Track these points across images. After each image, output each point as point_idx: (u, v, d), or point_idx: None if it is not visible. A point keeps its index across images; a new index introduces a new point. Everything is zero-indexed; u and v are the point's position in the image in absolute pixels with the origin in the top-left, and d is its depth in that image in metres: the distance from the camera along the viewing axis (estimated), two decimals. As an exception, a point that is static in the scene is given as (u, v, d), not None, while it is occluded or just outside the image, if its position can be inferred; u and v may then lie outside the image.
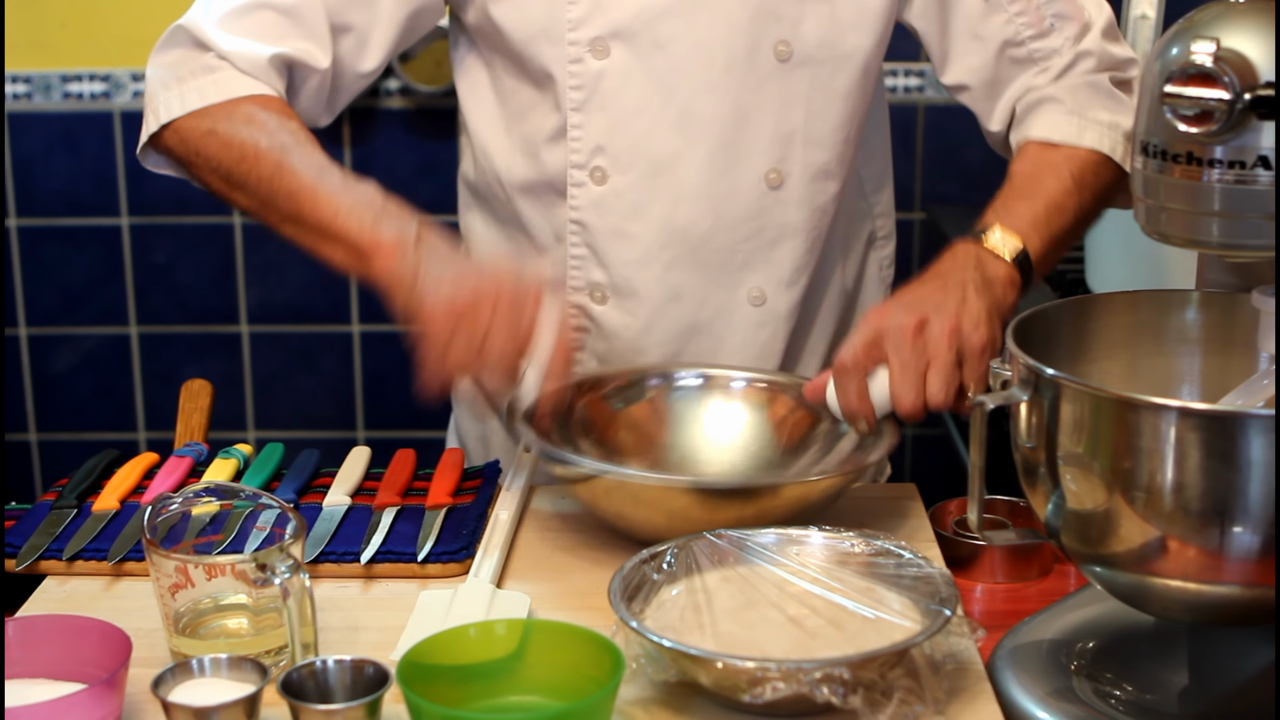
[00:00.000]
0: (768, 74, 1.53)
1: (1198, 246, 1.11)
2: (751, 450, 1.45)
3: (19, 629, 1.10)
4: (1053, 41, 1.57)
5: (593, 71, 1.51)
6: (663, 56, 1.51)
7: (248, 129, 1.44)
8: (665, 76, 1.52)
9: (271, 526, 1.20)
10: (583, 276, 1.59)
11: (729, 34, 1.51)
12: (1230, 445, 0.99)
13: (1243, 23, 1.05)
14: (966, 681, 1.12)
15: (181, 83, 1.48)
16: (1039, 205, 1.46)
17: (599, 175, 1.55)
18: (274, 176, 1.41)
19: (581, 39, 1.51)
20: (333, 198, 1.39)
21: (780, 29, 1.52)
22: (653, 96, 1.52)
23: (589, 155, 1.54)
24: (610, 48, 1.51)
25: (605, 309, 1.59)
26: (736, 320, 1.60)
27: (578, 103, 1.52)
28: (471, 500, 1.40)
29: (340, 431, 3.09)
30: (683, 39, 1.51)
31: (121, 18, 2.88)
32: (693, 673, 1.07)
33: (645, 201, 1.55)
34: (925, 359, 1.32)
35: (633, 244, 1.56)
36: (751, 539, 1.21)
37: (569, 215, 1.57)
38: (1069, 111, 1.53)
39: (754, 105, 1.54)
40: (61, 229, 2.99)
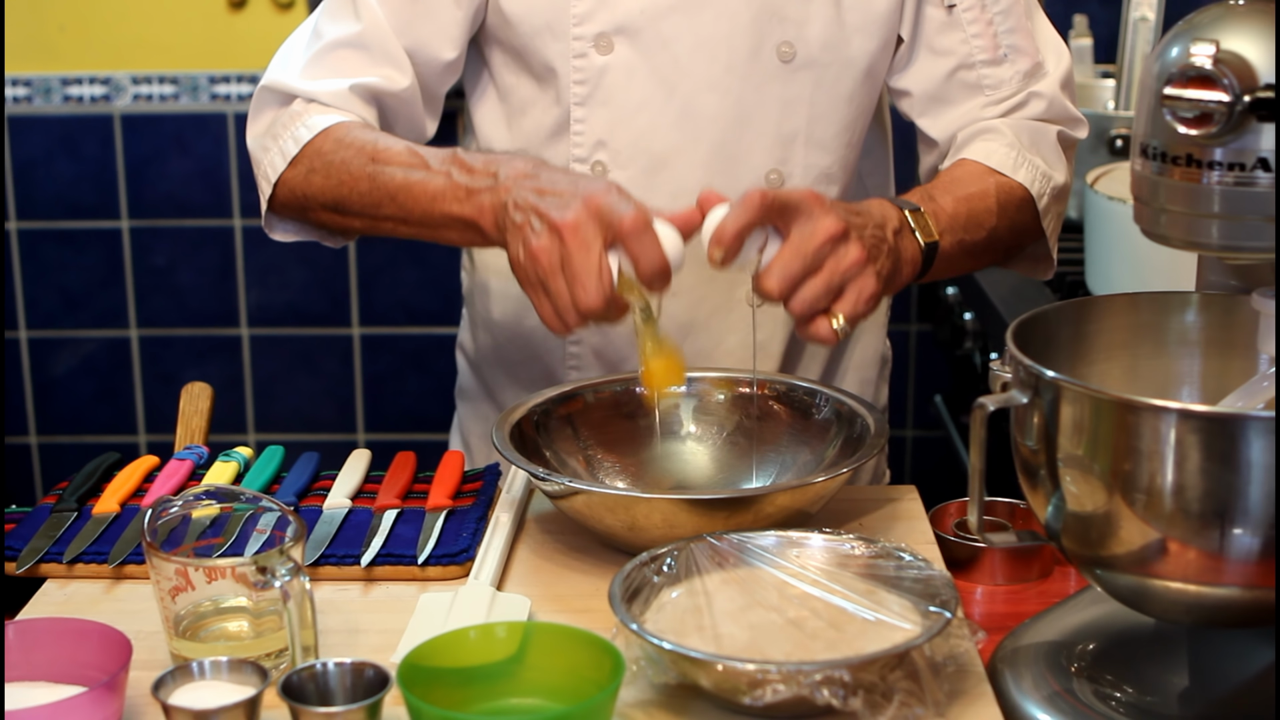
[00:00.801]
0: (770, 74, 1.53)
1: (1197, 249, 1.11)
2: (741, 454, 1.45)
3: (19, 632, 1.10)
4: (1003, 71, 1.59)
5: (596, 66, 1.52)
6: (666, 53, 1.51)
7: (338, 155, 1.46)
8: (667, 73, 1.52)
9: (272, 529, 1.20)
10: None
11: (732, 33, 1.51)
12: (1230, 447, 0.99)
13: (1242, 25, 1.05)
14: (967, 684, 1.12)
15: (277, 139, 1.50)
16: (963, 210, 1.47)
17: (600, 170, 1.55)
18: (371, 190, 1.43)
19: (586, 34, 1.51)
20: (426, 186, 1.39)
21: (784, 30, 1.52)
22: (655, 93, 1.52)
23: (591, 150, 1.55)
24: (614, 43, 1.51)
25: None
26: (734, 320, 1.60)
27: (581, 97, 1.53)
28: (472, 503, 1.40)
29: (340, 434, 3.09)
30: (686, 36, 1.51)
31: (121, 21, 2.88)
32: (693, 675, 1.07)
33: (645, 197, 1.54)
34: (820, 261, 1.29)
35: None
36: (751, 541, 1.21)
37: None
38: (1010, 145, 1.55)
39: (756, 105, 1.54)
40: (62, 232, 2.99)
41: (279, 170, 1.49)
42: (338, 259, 3.00)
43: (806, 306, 1.30)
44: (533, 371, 1.66)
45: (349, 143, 1.46)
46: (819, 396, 1.45)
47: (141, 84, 2.91)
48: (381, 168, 1.43)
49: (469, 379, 1.77)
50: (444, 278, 3.00)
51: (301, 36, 1.57)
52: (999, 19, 1.60)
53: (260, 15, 2.90)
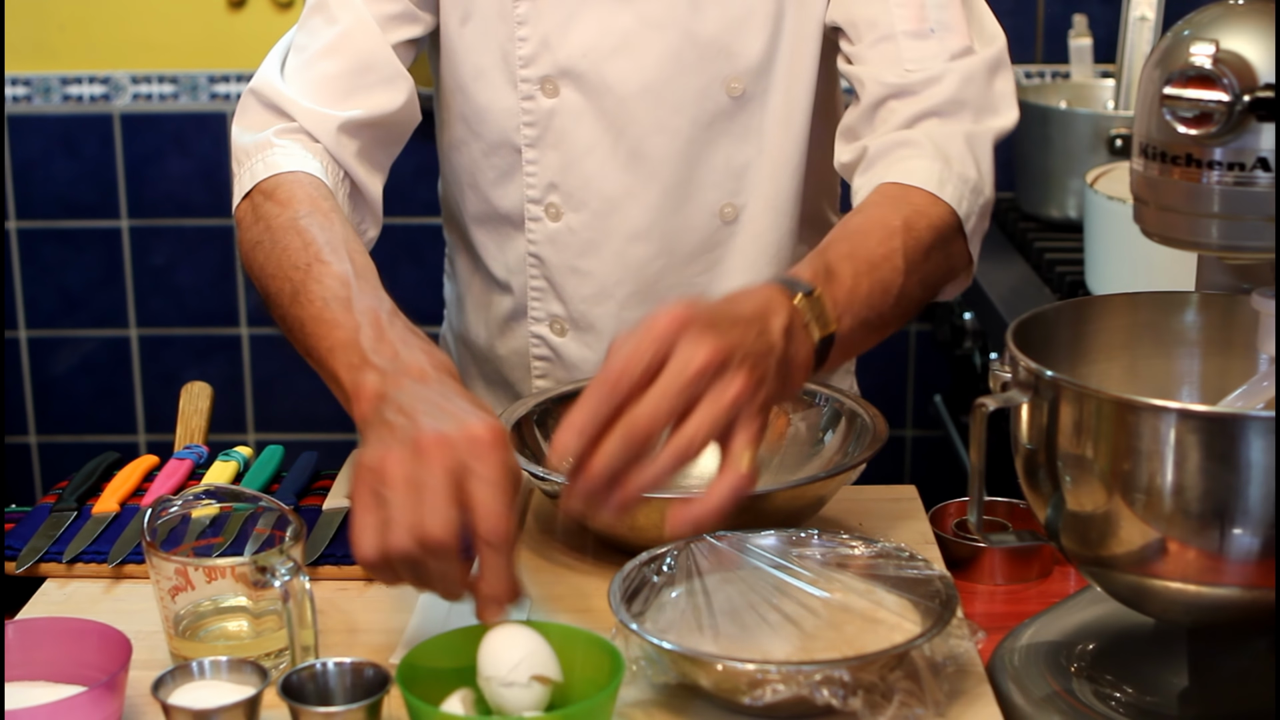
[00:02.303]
0: (720, 111, 1.51)
1: (1197, 248, 1.11)
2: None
3: (19, 631, 1.10)
4: (929, 47, 1.43)
5: (544, 109, 1.51)
6: (611, 96, 1.50)
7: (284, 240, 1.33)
8: (614, 116, 1.51)
9: (271, 529, 1.20)
10: (543, 308, 1.60)
11: (678, 73, 1.49)
12: (1230, 447, 0.99)
13: (1242, 24, 1.05)
14: (967, 683, 1.12)
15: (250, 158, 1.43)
16: (864, 281, 1.25)
17: (553, 211, 1.55)
18: (291, 304, 1.30)
19: (532, 76, 1.51)
20: (332, 332, 1.23)
21: (731, 65, 1.50)
22: (602, 136, 1.51)
23: (543, 191, 1.55)
24: (559, 87, 1.51)
25: (565, 340, 1.61)
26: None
27: (531, 139, 1.53)
28: (471, 502, 1.40)
29: (340, 434, 3.09)
30: (631, 79, 1.49)
31: (121, 20, 2.88)
32: (693, 675, 1.07)
33: (598, 239, 1.55)
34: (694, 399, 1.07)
35: (587, 280, 1.56)
36: (751, 541, 1.21)
37: (527, 249, 1.58)
38: (931, 157, 1.37)
39: (706, 142, 1.52)
40: (61, 231, 2.99)
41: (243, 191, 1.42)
42: (337, 258, 3.00)
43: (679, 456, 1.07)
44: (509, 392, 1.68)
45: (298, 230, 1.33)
46: (819, 396, 1.45)
47: (141, 83, 2.91)
48: (311, 284, 1.28)
49: None
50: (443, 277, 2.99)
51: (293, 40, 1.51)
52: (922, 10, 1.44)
53: (260, 15, 2.90)
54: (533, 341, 1.63)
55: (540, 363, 1.64)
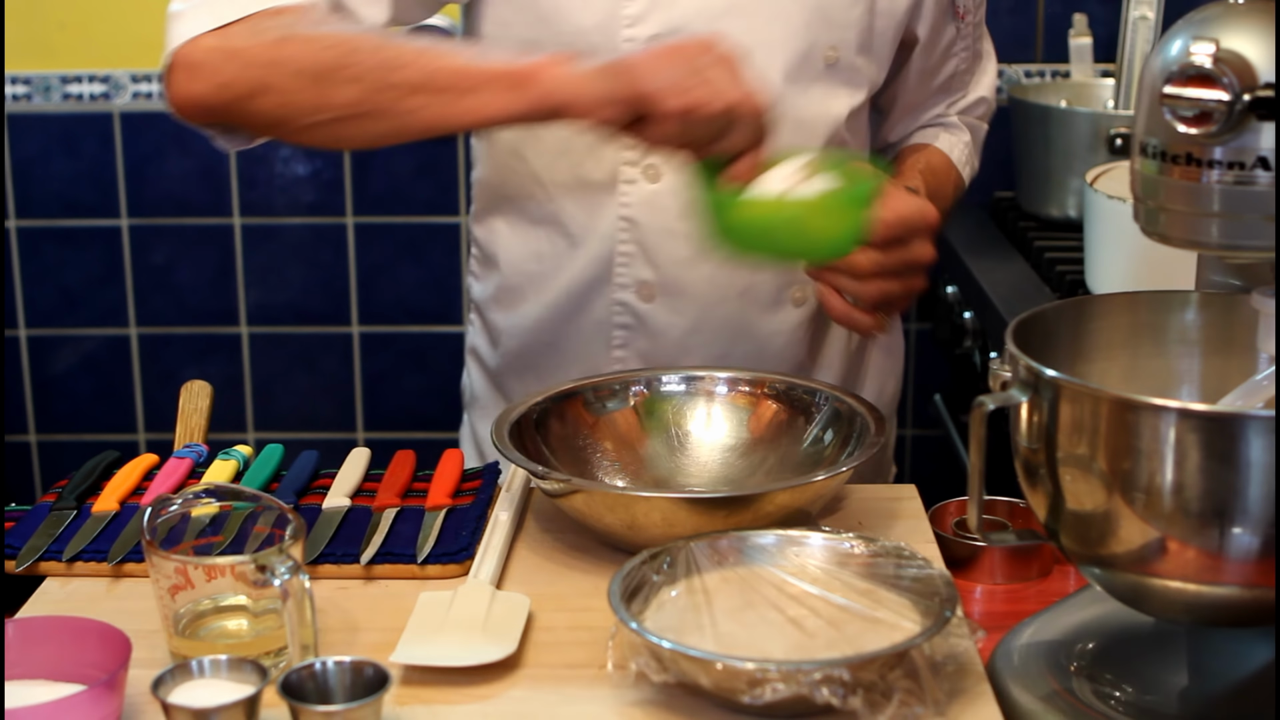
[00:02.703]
0: (815, 78, 1.55)
1: (1197, 248, 1.11)
2: (741, 452, 1.45)
3: (19, 630, 1.10)
4: (969, 75, 1.73)
5: None
6: None
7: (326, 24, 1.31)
8: None
9: (271, 528, 1.20)
10: (630, 274, 1.58)
11: (786, 37, 1.52)
12: (1230, 446, 0.99)
13: (1242, 23, 1.05)
14: (966, 682, 1.12)
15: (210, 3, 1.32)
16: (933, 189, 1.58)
17: (652, 173, 1.54)
18: (380, 54, 1.26)
19: (639, 36, 1.50)
20: (463, 50, 1.29)
21: (830, 34, 1.54)
22: None
23: (643, 153, 1.53)
24: None
25: (652, 307, 1.59)
26: (780, 321, 1.60)
27: None
28: (471, 501, 1.40)
29: (340, 433, 3.09)
30: (742, 39, 1.50)
31: (121, 19, 2.88)
32: (692, 674, 1.07)
33: None
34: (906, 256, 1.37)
35: (684, 242, 1.56)
36: (751, 540, 1.21)
37: (618, 212, 1.56)
38: (967, 144, 1.74)
39: (803, 108, 1.55)
40: (61, 230, 2.99)
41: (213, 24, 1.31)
42: (337, 257, 3.00)
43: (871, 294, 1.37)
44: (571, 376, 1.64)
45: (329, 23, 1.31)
46: (818, 395, 1.45)
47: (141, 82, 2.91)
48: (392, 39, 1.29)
49: (484, 387, 1.75)
50: (444, 276, 2.99)
51: None
52: (975, 27, 1.69)
53: (260, 13, 2.90)
54: (615, 309, 1.61)
55: (621, 331, 1.61)
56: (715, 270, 1.57)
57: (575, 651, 1.18)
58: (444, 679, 1.14)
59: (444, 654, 1.14)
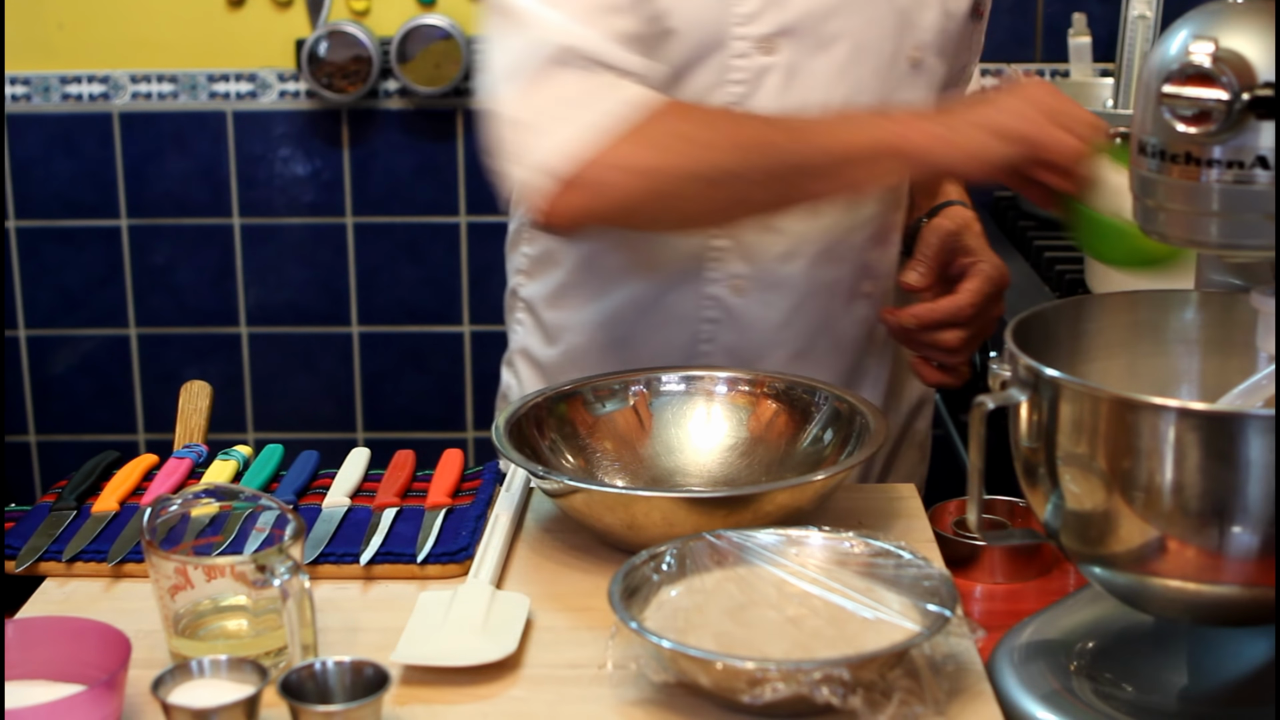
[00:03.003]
0: (901, 78, 1.56)
1: (1196, 246, 1.11)
2: (741, 452, 1.45)
3: (18, 630, 1.10)
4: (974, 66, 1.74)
5: (758, 66, 1.51)
6: (825, 55, 1.52)
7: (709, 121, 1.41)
8: (823, 77, 1.52)
9: (271, 528, 1.20)
10: (722, 269, 1.58)
11: (880, 37, 1.53)
12: (1229, 445, 0.99)
13: (1241, 22, 1.05)
14: (966, 682, 1.12)
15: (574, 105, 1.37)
16: None
17: None
18: (772, 144, 1.37)
19: (751, 34, 1.49)
20: (830, 127, 1.40)
21: (914, 36, 1.56)
22: (812, 93, 1.52)
23: None
24: (779, 45, 1.50)
25: (743, 301, 1.58)
26: (856, 313, 1.63)
27: (738, 96, 1.51)
28: (471, 501, 1.40)
29: (339, 433, 3.09)
30: (844, 39, 1.52)
31: (120, 19, 2.88)
32: (692, 673, 1.07)
33: None
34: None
35: (781, 238, 1.56)
36: (751, 540, 1.21)
37: None
38: None
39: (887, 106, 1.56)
40: (60, 230, 2.99)
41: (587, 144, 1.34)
42: (337, 257, 3.00)
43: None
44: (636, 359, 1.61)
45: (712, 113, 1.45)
46: (818, 394, 1.45)
47: (140, 82, 2.91)
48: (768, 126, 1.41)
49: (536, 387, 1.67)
50: (443, 276, 3.00)
51: None
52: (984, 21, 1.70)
53: (259, 14, 2.90)
54: (704, 304, 1.60)
55: (709, 325, 1.60)
56: (809, 266, 1.58)
57: (575, 651, 1.18)
58: (444, 679, 1.14)
59: (444, 654, 1.14)
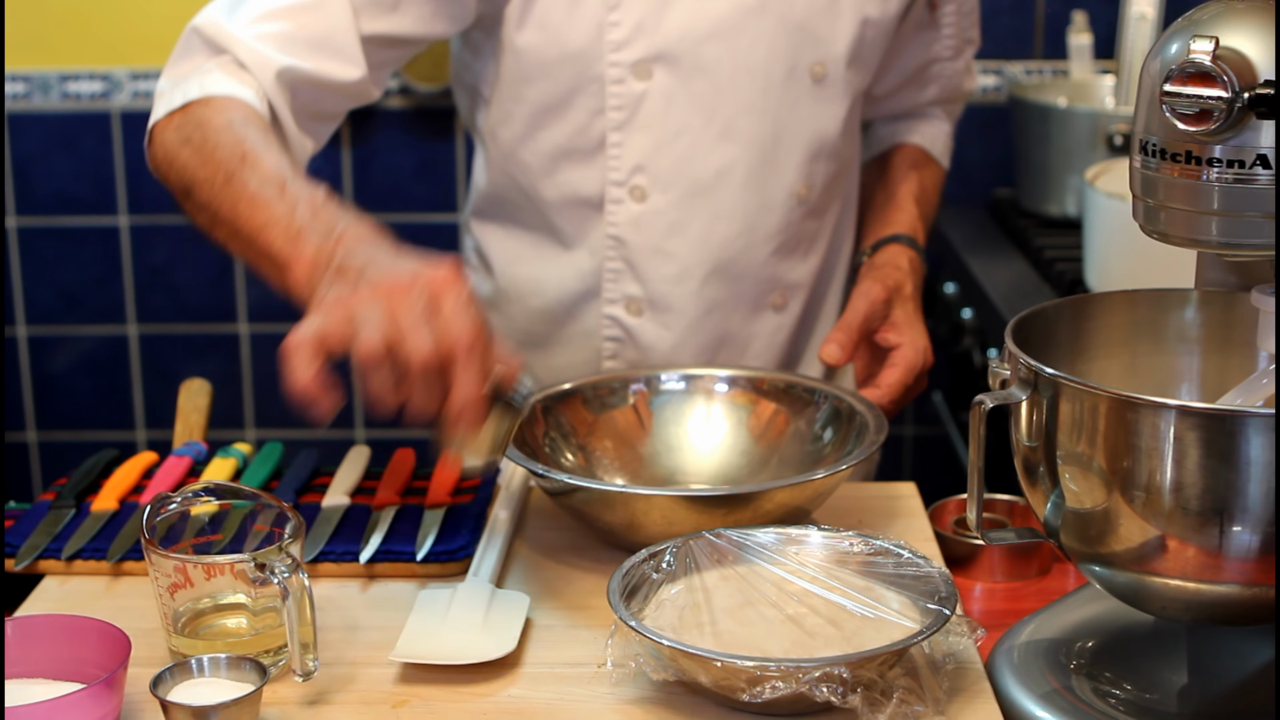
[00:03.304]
0: (802, 93, 1.55)
1: (1197, 245, 1.11)
2: (740, 450, 1.45)
3: (18, 628, 1.10)
4: (956, 64, 1.73)
5: (634, 93, 1.51)
6: (705, 79, 1.52)
7: (215, 138, 1.33)
8: (707, 98, 1.52)
9: (270, 526, 1.20)
10: (618, 289, 1.60)
11: (769, 57, 1.52)
12: (1229, 444, 0.99)
13: (1242, 22, 1.05)
14: (966, 681, 1.13)
15: (175, 87, 1.40)
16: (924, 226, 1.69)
17: (638, 193, 1.55)
18: (223, 187, 1.29)
19: (623, 60, 1.51)
20: (267, 207, 1.25)
21: (816, 50, 1.54)
22: (694, 118, 1.53)
23: (628, 174, 1.55)
24: (653, 70, 1.51)
25: (640, 321, 1.60)
26: (759, 326, 1.62)
27: (618, 123, 1.52)
28: (470, 499, 1.40)
29: (339, 431, 3.09)
30: (725, 62, 1.51)
31: (120, 17, 2.88)
32: (692, 672, 1.07)
33: (684, 220, 1.56)
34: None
35: (670, 261, 1.57)
36: (750, 538, 1.21)
37: (606, 230, 1.58)
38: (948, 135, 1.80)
39: (789, 124, 1.55)
40: (60, 229, 2.99)
41: (156, 116, 1.39)
42: (336, 256, 3.00)
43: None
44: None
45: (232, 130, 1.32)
46: (818, 394, 1.45)
47: (140, 80, 2.91)
48: (245, 171, 1.28)
49: None
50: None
51: None
52: (964, 17, 1.67)
53: (259, 12, 2.90)
54: (605, 323, 1.63)
55: (611, 344, 1.63)
56: (700, 286, 1.58)
57: (574, 649, 1.18)
58: (443, 677, 1.14)
59: (443, 652, 1.14)
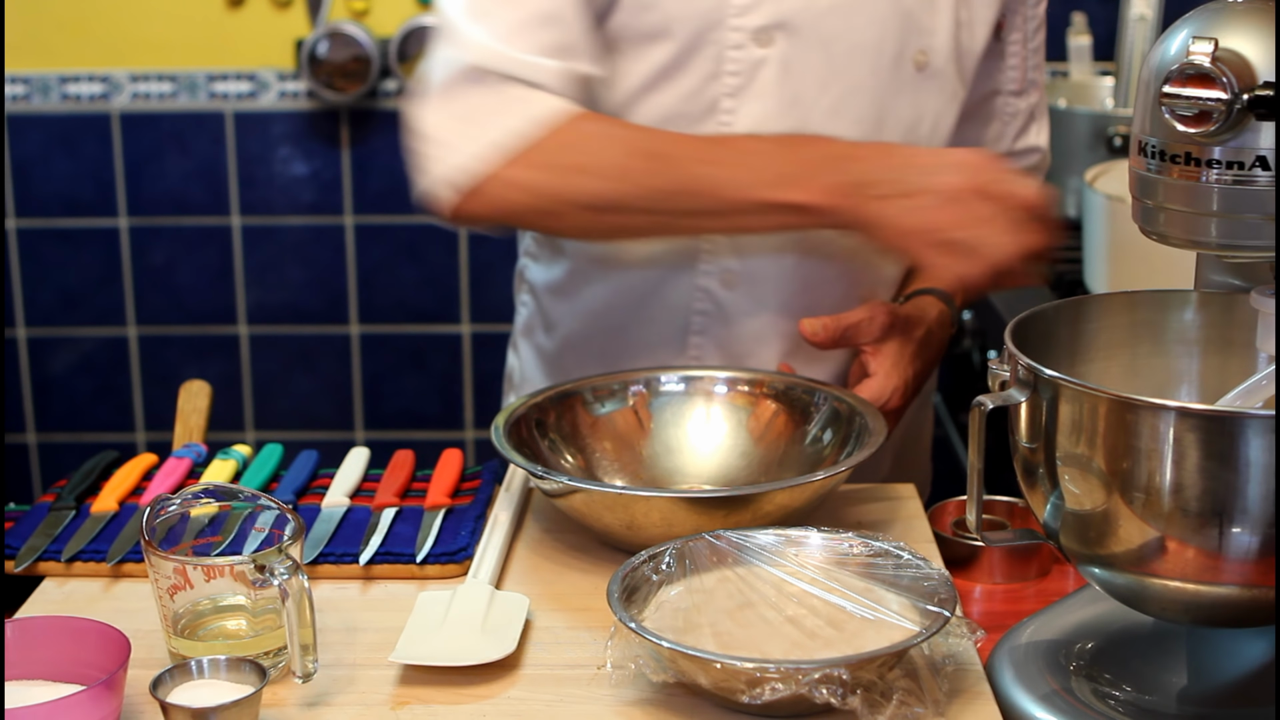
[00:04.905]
0: (905, 81, 1.55)
1: (1196, 247, 1.11)
2: (740, 452, 1.45)
3: (18, 630, 1.10)
4: (1021, 103, 1.69)
5: (753, 59, 1.51)
6: (822, 51, 1.51)
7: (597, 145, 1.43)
8: (821, 71, 1.52)
9: (270, 528, 1.19)
10: (714, 261, 1.58)
11: (881, 37, 1.53)
12: (1229, 446, 0.99)
13: (1241, 23, 1.05)
14: (965, 682, 1.12)
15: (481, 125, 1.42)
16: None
17: None
18: (656, 178, 1.41)
19: (746, 25, 1.50)
20: (736, 170, 1.40)
21: (921, 39, 1.54)
22: (808, 89, 1.52)
23: None
24: (774, 37, 1.50)
25: (734, 294, 1.58)
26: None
27: (733, 88, 1.51)
28: (470, 501, 1.40)
29: (339, 432, 3.09)
30: (842, 37, 1.51)
31: (120, 18, 2.88)
32: (691, 673, 1.07)
33: None
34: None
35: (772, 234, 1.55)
36: (750, 540, 1.21)
37: None
38: None
39: (891, 111, 1.55)
40: (60, 230, 2.99)
41: (489, 161, 1.41)
42: (336, 257, 3.00)
43: None
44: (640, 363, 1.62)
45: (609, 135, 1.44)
46: (818, 395, 1.45)
47: (140, 82, 2.91)
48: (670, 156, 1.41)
49: (536, 370, 1.72)
50: (443, 276, 2.99)
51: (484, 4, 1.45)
52: (1031, 55, 1.68)
53: (259, 13, 2.90)
54: (696, 296, 1.60)
55: (699, 318, 1.60)
56: (798, 262, 1.57)
57: (574, 651, 1.18)
58: (443, 679, 1.14)
59: (443, 654, 1.14)
